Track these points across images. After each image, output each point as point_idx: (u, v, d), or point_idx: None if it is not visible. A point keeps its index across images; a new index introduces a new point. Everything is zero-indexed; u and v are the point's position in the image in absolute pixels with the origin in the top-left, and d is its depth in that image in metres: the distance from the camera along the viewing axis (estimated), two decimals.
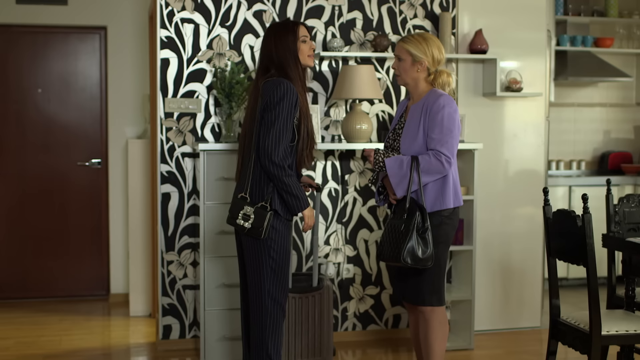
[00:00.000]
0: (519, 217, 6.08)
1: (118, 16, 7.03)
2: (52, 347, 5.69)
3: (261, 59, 4.14)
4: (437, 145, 4.14)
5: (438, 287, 4.29)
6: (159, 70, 5.46)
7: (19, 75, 7.01)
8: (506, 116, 6.04)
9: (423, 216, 4.14)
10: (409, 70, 4.29)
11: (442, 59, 4.30)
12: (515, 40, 6.00)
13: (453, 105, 4.18)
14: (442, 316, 4.33)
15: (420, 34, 4.32)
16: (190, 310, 5.61)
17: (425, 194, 4.20)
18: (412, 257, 4.12)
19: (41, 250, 7.08)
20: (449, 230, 4.27)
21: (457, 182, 4.29)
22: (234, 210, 4.10)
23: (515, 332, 6.06)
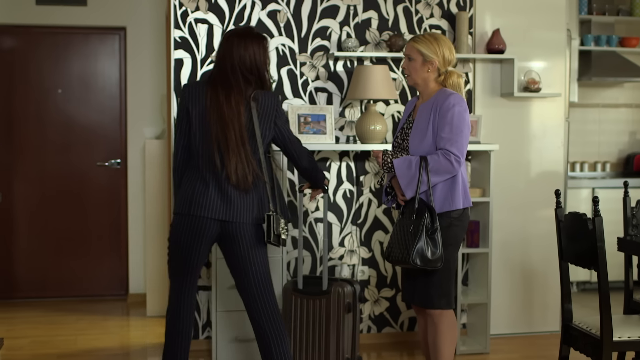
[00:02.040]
0: (538, 219, 5.99)
1: (137, 17, 7.04)
2: (66, 346, 5.70)
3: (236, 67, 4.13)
4: (446, 144, 4.08)
5: (447, 290, 4.23)
6: (173, 71, 5.45)
7: (40, 75, 7.05)
8: (524, 117, 5.95)
9: (432, 217, 4.09)
10: (419, 70, 4.24)
11: (453, 59, 4.25)
12: (534, 40, 5.92)
13: (463, 104, 4.13)
14: (451, 319, 4.27)
15: (431, 33, 4.27)
16: (204, 311, 5.60)
17: (434, 195, 4.14)
18: (421, 258, 4.07)
19: (60, 250, 7.11)
20: (458, 232, 4.21)
21: (467, 183, 4.23)
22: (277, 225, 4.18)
23: (533, 337, 5.97)
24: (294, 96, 5.58)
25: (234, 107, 4.07)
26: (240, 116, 4.07)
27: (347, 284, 4.95)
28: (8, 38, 7.03)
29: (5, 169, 7.01)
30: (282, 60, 5.56)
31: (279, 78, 5.55)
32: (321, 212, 5.65)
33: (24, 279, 7.12)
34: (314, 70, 5.60)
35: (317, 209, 5.65)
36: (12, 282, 7.09)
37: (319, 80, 5.61)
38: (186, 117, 4.16)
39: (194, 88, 4.18)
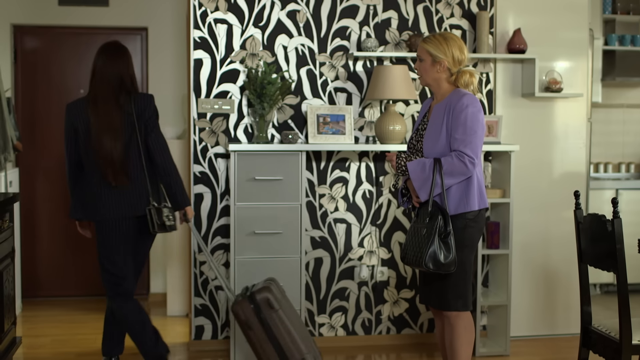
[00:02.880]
0: (560, 220, 5.94)
1: (158, 17, 7.06)
2: (86, 345, 5.73)
3: (124, 81, 4.62)
4: (460, 145, 4.05)
5: (463, 292, 4.20)
6: (192, 71, 5.47)
7: (62, 75, 7.09)
8: (546, 117, 5.90)
9: (445, 220, 4.06)
10: (429, 70, 4.22)
11: (464, 59, 4.20)
12: (556, 39, 5.87)
13: (477, 104, 4.09)
14: (468, 321, 4.24)
15: (442, 33, 4.24)
16: (223, 311, 5.60)
17: (448, 196, 4.12)
18: (434, 262, 4.05)
19: (82, 249, 7.14)
20: (474, 233, 4.18)
21: (482, 184, 4.20)
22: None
23: (554, 339, 5.93)
24: (313, 96, 5.57)
25: (109, 114, 4.52)
26: (115, 121, 4.52)
27: (245, 301, 4.62)
28: (31, 38, 7.08)
29: (28, 168, 7.06)
30: (301, 60, 5.55)
31: (298, 78, 5.54)
32: (341, 213, 5.64)
33: (45, 278, 7.17)
34: (333, 70, 5.59)
35: (336, 210, 5.64)
36: (34, 281, 7.14)
37: (338, 81, 5.60)
38: (74, 133, 4.60)
39: (74, 106, 4.63)
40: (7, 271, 4.55)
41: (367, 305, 5.74)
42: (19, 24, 6.95)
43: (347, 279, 5.71)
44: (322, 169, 5.61)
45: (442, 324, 4.39)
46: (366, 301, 5.74)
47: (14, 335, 4.77)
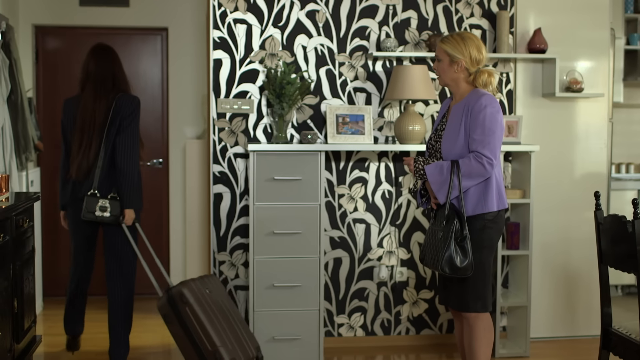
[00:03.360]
0: (581, 221, 5.90)
1: (179, 17, 7.08)
2: (106, 344, 5.72)
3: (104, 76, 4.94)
4: (478, 146, 4.03)
5: (482, 293, 4.18)
6: (212, 71, 5.48)
7: None
8: (566, 118, 5.87)
9: (461, 224, 4.05)
10: (447, 70, 4.20)
11: (482, 58, 4.18)
12: (576, 39, 5.83)
13: (495, 105, 4.07)
14: (487, 322, 4.22)
15: (459, 33, 4.22)
16: (242, 310, 5.61)
17: (466, 197, 4.10)
18: (450, 267, 4.05)
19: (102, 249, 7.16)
20: (493, 234, 4.16)
21: (501, 184, 4.17)
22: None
23: (575, 340, 5.89)
24: (333, 96, 5.57)
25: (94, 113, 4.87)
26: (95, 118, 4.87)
27: (163, 296, 4.64)
28: (52, 39, 7.12)
29: (50, 168, 7.10)
30: (320, 60, 5.55)
31: (318, 78, 5.54)
32: (360, 213, 5.64)
33: (66, 277, 7.17)
34: (352, 70, 5.58)
35: (355, 210, 5.64)
36: (55, 280, 7.17)
37: (357, 81, 5.59)
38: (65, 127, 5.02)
39: (68, 102, 5.04)
40: (27, 270, 4.58)
41: (387, 305, 5.73)
42: (41, 25, 7.00)
43: (366, 279, 5.70)
44: (341, 169, 5.61)
45: (461, 325, 4.37)
46: (385, 301, 5.73)
47: (34, 333, 4.80)
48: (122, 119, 4.89)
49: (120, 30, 7.15)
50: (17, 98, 5.78)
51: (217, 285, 4.89)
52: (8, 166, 5.63)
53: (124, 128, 4.89)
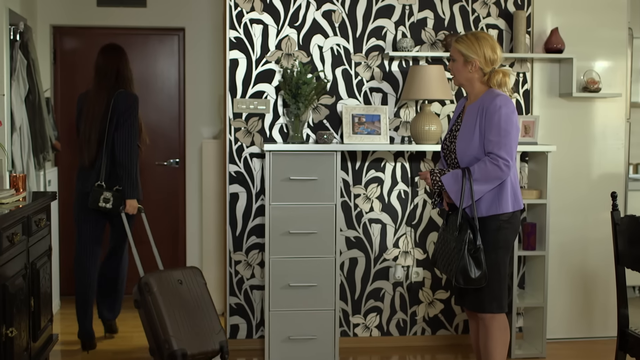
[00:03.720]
0: (598, 222, 5.87)
1: (196, 17, 7.10)
2: (123, 343, 5.78)
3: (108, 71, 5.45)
4: (494, 148, 4.03)
5: (498, 294, 4.18)
6: (228, 71, 5.49)
7: None
8: (583, 118, 5.84)
9: (474, 234, 4.05)
10: (461, 70, 4.20)
11: (496, 58, 4.17)
12: (594, 39, 5.80)
13: (510, 105, 4.06)
14: (503, 323, 4.22)
15: (474, 33, 4.22)
16: (258, 310, 5.62)
17: (481, 198, 4.11)
18: (464, 278, 4.07)
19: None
20: (508, 234, 4.15)
21: (517, 185, 4.16)
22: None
23: (592, 342, 5.86)
24: (349, 96, 5.57)
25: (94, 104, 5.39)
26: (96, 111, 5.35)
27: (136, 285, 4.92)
28: (70, 39, 7.15)
29: (68, 168, 7.13)
30: (336, 60, 5.55)
31: (334, 78, 5.54)
32: (376, 213, 5.63)
33: None
34: (368, 70, 5.58)
35: (371, 210, 5.63)
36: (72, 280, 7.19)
37: (373, 81, 5.59)
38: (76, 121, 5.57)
39: (80, 96, 5.58)
40: (44, 269, 4.61)
41: (402, 305, 5.73)
42: (59, 25, 7.03)
43: (382, 279, 5.69)
44: (357, 169, 5.61)
45: (476, 326, 4.36)
46: (401, 302, 5.73)
47: (51, 332, 4.82)
48: (119, 115, 5.34)
49: (138, 30, 7.18)
50: (34, 98, 5.81)
51: (194, 278, 5.01)
52: (26, 166, 5.66)
53: (121, 124, 5.34)
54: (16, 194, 4.34)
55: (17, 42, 5.66)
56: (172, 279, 4.92)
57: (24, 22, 5.86)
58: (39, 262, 4.46)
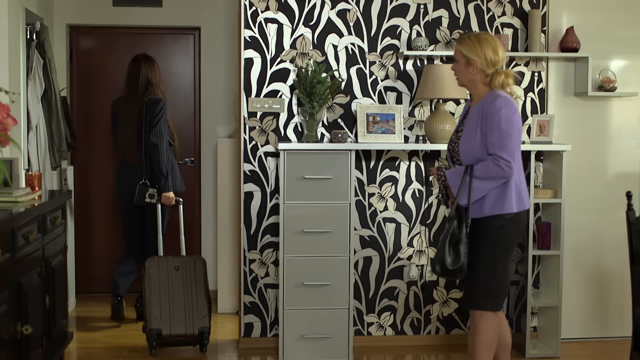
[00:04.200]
0: (614, 221, 5.85)
1: (211, 17, 7.12)
2: (138, 341, 5.80)
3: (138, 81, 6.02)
4: (495, 149, 4.04)
5: (491, 292, 4.17)
6: (243, 70, 5.50)
7: (116, 75, 7.17)
8: (599, 117, 5.82)
9: (460, 225, 4.08)
10: (463, 72, 4.23)
11: (498, 60, 4.16)
12: (610, 38, 5.78)
13: (511, 106, 4.06)
14: (491, 323, 4.19)
15: (476, 34, 4.23)
16: (272, 309, 5.63)
17: (484, 198, 4.12)
18: (440, 266, 4.12)
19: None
20: (510, 234, 4.14)
21: (522, 185, 4.17)
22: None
23: (607, 342, 5.85)
24: (363, 95, 5.57)
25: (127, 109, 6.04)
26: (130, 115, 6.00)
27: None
28: (86, 38, 7.19)
29: (83, 166, 7.17)
30: (351, 59, 5.55)
31: (348, 77, 5.55)
32: (390, 212, 5.63)
33: (99, 275, 7.27)
34: (383, 69, 5.58)
35: (385, 209, 5.63)
36: (89, 278, 7.24)
37: (388, 80, 5.59)
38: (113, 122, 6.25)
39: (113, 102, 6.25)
40: (60, 267, 4.63)
41: (416, 305, 5.73)
42: (75, 24, 7.07)
43: (396, 278, 5.70)
44: (371, 168, 5.61)
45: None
46: (415, 301, 5.73)
47: (66, 330, 4.85)
48: (150, 119, 5.91)
49: (153, 29, 7.21)
50: (51, 97, 5.84)
51: (193, 266, 5.64)
52: (42, 164, 5.70)
53: (152, 126, 5.89)
54: (32, 192, 4.37)
55: (33, 41, 5.70)
56: (169, 264, 5.62)
57: (41, 22, 5.90)
58: (54, 260, 4.48)
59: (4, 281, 3.54)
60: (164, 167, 5.90)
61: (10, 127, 3.86)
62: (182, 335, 5.38)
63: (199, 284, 5.57)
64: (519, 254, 5.55)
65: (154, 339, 5.34)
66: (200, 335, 5.40)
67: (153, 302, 5.45)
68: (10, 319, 3.60)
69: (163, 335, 5.34)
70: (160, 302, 5.45)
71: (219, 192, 6.64)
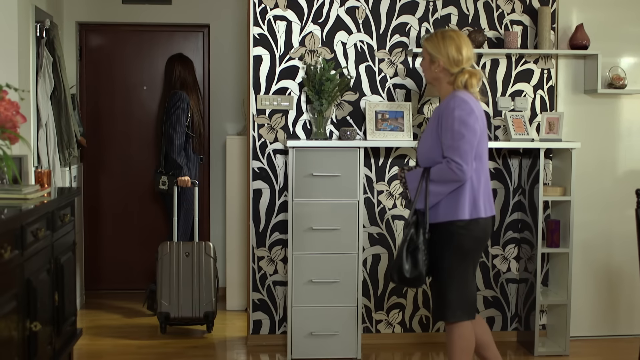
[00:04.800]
0: (624, 219, 5.83)
1: (220, 14, 7.12)
2: (148, 337, 5.82)
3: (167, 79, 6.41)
4: (448, 151, 3.93)
5: (454, 302, 4.04)
6: (252, 68, 5.51)
7: (126, 72, 7.21)
8: (609, 114, 5.81)
9: (417, 232, 3.97)
10: (428, 69, 4.14)
11: (461, 59, 4.03)
12: (620, 35, 5.76)
13: (466, 107, 3.94)
14: (463, 330, 4.08)
15: (443, 31, 4.13)
16: (280, 306, 5.64)
17: (439, 203, 4.00)
18: (398, 275, 4.00)
19: (144, 243, 7.25)
20: (465, 241, 3.99)
21: (479, 192, 4.01)
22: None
23: (617, 340, 5.83)
24: (372, 92, 5.57)
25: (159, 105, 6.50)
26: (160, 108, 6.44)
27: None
28: (96, 36, 7.21)
29: (92, 163, 7.19)
30: (360, 56, 5.55)
31: (357, 74, 5.54)
32: (399, 209, 5.63)
33: (109, 271, 7.29)
34: (392, 66, 5.58)
35: (394, 206, 5.63)
36: (98, 274, 7.27)
37: (397, 77, 5.58)
38: None
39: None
40: (68, 264, 4.64)
41: (425, 302, 5.72)
42: (84, 22, 7.08)
43: None
44: (380, 166, 5.61)
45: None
46: (424, 298, 5.72)
47: (75, 327, 4.86)
48: (167, 110, 6.22)
49: (162, 27, 7.21)
50: (60, 94, 5.85)
51: (203, 253, 5.92)
52: (52, 162, 5.71)
53: (166, 119, 6.21)
54: (41, 189, 4.38)
55: (43, 39, 5.71)
56: (180, 250, 5.93)
57: (50, 19, 5.91)
58: (63, 257, 4.49)
59: (13, 278, 3.55)
60: (176, 155, 6.15)
61: (20, 124, 3.87)
62: (191, 318, 5.87)
63: (206, 270, 5.90)
64: (528, 252, 5.54)
65: (162, 321, 5.84)
66: (205, 318, 5.87)
67: (163, 286, 5.87)
68: (19, 316, 3.61)
69: (171, 318, 5.85)
70: (170, 287, 5.86)
71: (227, 190, 6.65)
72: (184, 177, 6.16)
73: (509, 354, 5.53)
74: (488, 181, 4.09)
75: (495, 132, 5.68)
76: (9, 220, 3.51)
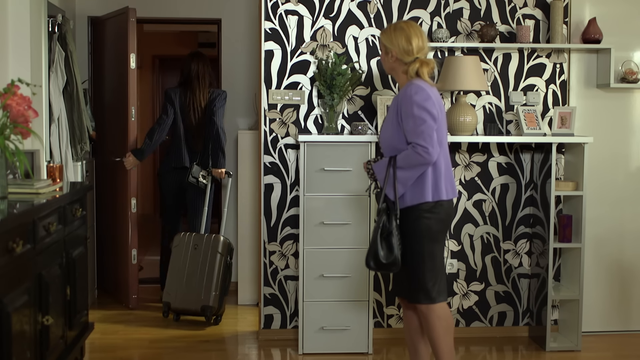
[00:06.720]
0: (635, 214, 5.81)
1: (232, 8, 7.12)
2: (159, 332, 5.84)
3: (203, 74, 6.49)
4: (412, 137, 4.04)
5: (426, 285, 4.15)
6: (263, 62, 5.50)
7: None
8: (621, 109, 5.78)
9: (389, 218, 4.08)
10: (384, 60, 4.29)
11: (411, 49, 4.14)
12: (633, 29, 5.73)
13: (423, 93, 4.05)
14: (440, 311, 4.19)
15: (395, 23, 4.27)
16: (292, 300, 5.64)
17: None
18: (374, 261, 4.12)
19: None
20: (431, 224, 4.11)
21: (441, 174, 4.13)
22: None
23: (629, 335, 5.81)
24: (383, 87, 5.56)
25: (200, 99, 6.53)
26: (201, 105, 6.50)
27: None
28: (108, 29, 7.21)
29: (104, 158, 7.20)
30: (371, 51, 5.54)
31: (369, 69, 5.53)
32: None
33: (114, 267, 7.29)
34: None
35: None
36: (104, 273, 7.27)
37: None
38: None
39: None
40: (80, 258, 4.66)
41: None
42: (96, 17, 7.09)
43: None
44: None
45: (408, 315, 4.40)
46: None
47: (87, 321, 4.88)
48: (210, 107, 6.45)
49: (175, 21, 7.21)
50: (72, 89, 5.87)
51: (212, 246, 6.03)
52: (64, 156, 5.73)
53: (211, 114, 6.45)
54: (53, 184, 4.39)
55: (55, 34, 5.73)
56: (190, 242, 6.09)
57: (62, 14, 5.93)
58: (74, 251, 4.51)
59: (25, 272, 3.57)
60: (224, 147, 6.48)
61: (32, 119, 3.88)
62: (189, 310, 6.01)
63: (210, 264, 5.98)
64: (540, 247, 5.52)
65: (165, 310, 6.08)
66: (202, 311, 5.93)
67: (170, 276, 6.08)
68: (31, 310, 3.63)
69: (172, 307, 6.05)
70: (175, 277, 6.05)
71: (239, 184, 6.65)
72: (222, 169, 6.38)
73: (521, 349, 5.52)
74: (449, 165, 4.23)
75: (507, 126, 5.66)
76: (21, 214, 3.53)
